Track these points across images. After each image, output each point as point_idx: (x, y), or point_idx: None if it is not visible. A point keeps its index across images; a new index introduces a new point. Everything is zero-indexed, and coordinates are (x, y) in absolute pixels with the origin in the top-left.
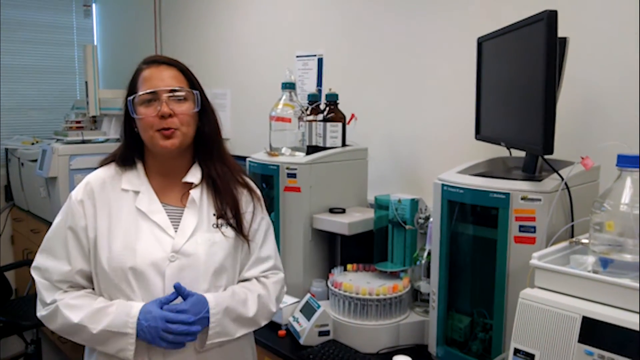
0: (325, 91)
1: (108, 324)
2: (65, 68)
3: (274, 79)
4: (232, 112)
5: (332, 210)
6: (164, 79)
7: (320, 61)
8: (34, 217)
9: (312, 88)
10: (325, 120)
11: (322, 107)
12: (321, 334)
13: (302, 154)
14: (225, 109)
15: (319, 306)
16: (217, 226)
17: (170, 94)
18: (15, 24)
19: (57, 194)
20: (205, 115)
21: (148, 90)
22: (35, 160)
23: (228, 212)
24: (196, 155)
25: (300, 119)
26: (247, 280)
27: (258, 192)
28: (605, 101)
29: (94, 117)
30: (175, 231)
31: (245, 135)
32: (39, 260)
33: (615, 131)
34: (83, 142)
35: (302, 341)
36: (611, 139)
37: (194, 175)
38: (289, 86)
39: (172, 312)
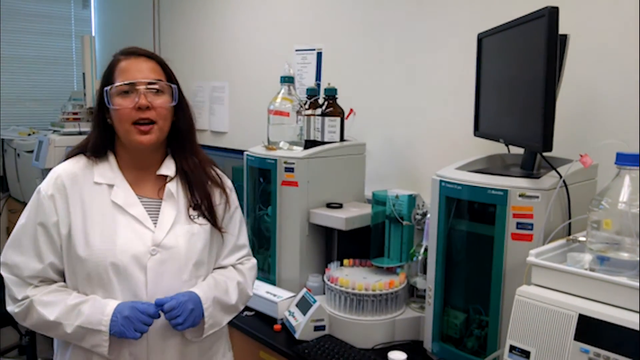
0: (324, 85)
1: (82, 321)
2: (62, 59)
3: (272, 72)
4: (231, 106)
5: (329, 205)
6: (142, 70)
7: (319, 55)
8: None
9: (311, 82)
10: (323, 114)
11: (320, 101)
12: (317, 328)
13: (300, 148)
14: (224, 102)
15: (314, 301)
16: (193, 218)
17: (149, 86)
18: (12, 14)
19: None
20: (181, 110)
21: (126, 82)
22: (32, 151)
23: (202, 204)
24: (169, 148)
25: (298, 113)
26: (223, 267)
27: (229, 183)
28: (604, 99)
29: (90, 108)
30: (154, 224)
31: (243, 128)
32: (7, 256)
33: (614, 129)
34: (80, 133)
35: (297, 336)
36: (610, 137)
37: (169, 167)
38: (288, 80)
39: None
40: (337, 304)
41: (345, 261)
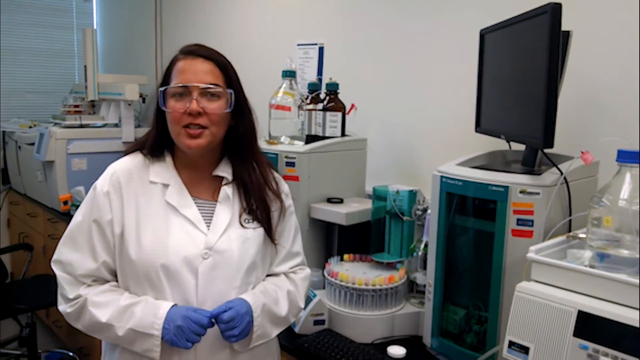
0: (325, 80)
1: (134, 324)
2: (64, 51)
3: (274, 67)
4: None
5: (330, 200)
6: (198, 73)
7: (321, 50)
8: (31, 200)
9: (313, 77)
10: (325, 109)
11: (322, 96)
12: (316, 323)
13: (301, 143)
14: None
15: (314, 295)
16: (246, 222)
17: (203, 90)
18: (14, 6)
19: (54, 178)
20: (241, 115)
21: (179, 85)
22: (33, 144)
23: (257, 210)
24: (226, 150)
25: (300, 107)
26: (274, 275)
27: (285, 188)
28: (606, 96)
29: (92, 101)
30: (208, 227)
31: None
32: (61, 253)
33: (615, 126)
34: (81, 126)
35: (297, 330)
36: (611, 134)
37: (225, 170)
38: (290, 74)
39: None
40: (337, 299)
41: (346, 256)
